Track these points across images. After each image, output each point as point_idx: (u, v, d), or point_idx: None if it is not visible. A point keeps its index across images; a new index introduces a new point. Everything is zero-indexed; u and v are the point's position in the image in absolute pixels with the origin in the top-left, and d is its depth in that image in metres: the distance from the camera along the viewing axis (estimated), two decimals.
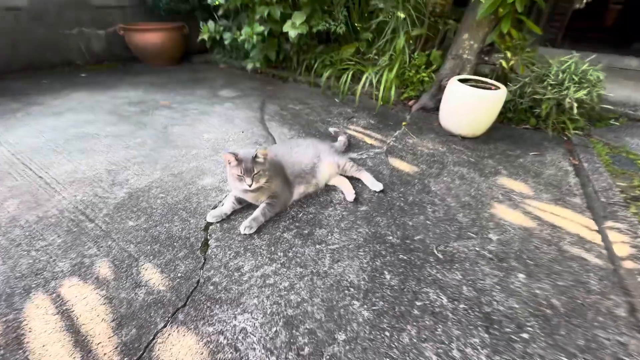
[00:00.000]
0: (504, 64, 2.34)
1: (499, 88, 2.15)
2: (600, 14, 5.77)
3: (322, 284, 1.16)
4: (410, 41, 2.74)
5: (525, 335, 1.05)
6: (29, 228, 1.34)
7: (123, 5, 3.99)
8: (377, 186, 1.65)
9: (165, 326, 1.01)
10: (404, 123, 2.48)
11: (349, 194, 1.59)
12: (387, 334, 1.03)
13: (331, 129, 2.19)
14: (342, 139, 2.05)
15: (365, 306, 1.10)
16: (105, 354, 0.93)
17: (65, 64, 3.75)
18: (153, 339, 0.97)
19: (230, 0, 3.00)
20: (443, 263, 1.26)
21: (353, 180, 1.70)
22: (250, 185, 1.30)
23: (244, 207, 1.50)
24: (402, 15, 2.54)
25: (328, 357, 0.96)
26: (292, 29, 2.74)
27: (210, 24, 3.27)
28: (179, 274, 1.17)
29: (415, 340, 1.01)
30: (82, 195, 1.56)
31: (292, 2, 2.97)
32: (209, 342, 0.97)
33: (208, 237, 1.34)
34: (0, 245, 1.26)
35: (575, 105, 2.20)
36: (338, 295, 1.13)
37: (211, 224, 1.40)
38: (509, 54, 2.32)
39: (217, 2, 3.07)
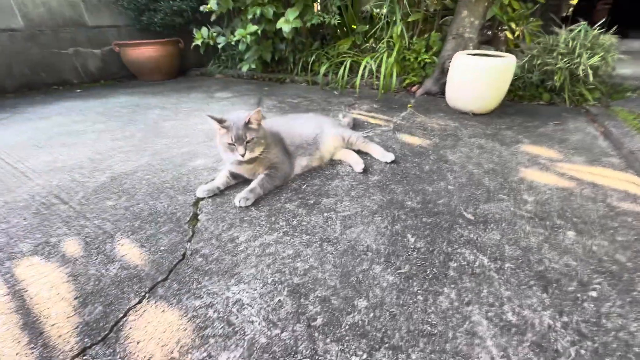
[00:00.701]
0: (508, 35, 2.25)
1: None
2: (589, 15, 5.87)
3: (333, 249, 0.99)
4: (408, 28, 2.70)
5: (593, 294, 0.84)
6: None
7: (118, 24, 4.07)
8: (388, 157, 1.54)
9: (140, 302, 0.81)
10: (409, 105, 2.43)
11: (358, 164, 1.47)
12: (420, 297, 0.83)
13: (340, 115, 2.10)
14: (346, 119, 1.96)
15: (388, 270, 0.91)
16: (60, 335, 0.73)
17: (61, 84, 3.75)
18: (123, 316, 0.77)
19: (221, 5, 3.02)
20: (475, 224, 1.13)
21: (361, 154, 1.60)
22: (243, 155, 1.18)
23: (239, 183, 1.35)
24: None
25: (348, 326, 0.75)
26: (286, 24, 2.72)
27: (204, 29, 3.29)
28: (162, 248, 1.01)
29: (456, 304, 0.81)
30: (58, 181, 1.41)
31: (284, 1, 2.98)
32: (195, 316, 0.78)
33: (198, 211, 1.20)
34: None
35: (591, 72, 2.08)
36: (354, 261, 0.95)
37: (202, 199, 1.27)
38: (513, 25, 2.24)
39: (208, 7, 3.08)
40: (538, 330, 0.76)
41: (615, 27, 2.23)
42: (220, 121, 1.19)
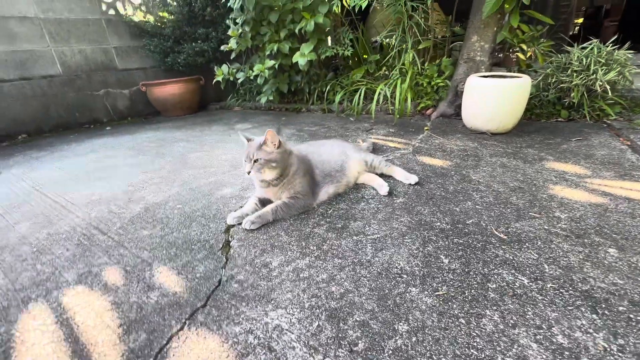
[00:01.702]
0: (520, 56, 2.30)
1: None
2: (598, 33, 5.94)
3: (367, 272, 0.99)
4: (419, 54, 2.80)
5: None
6: (37, 244, 1.25)
7: (145, 66, 4.40)
8: (412, 179, 1.55)
9: (181, 329, 0.83)
10: (426, 128, 2.47)
11: (382, 187, 1.49)
12: (462, 320, 0.81)
13: (359, 140, 2.15)
14: (365, 144, 2.01)
15: (425, 292, 0.90)
16: None
17: (92, 122, 4.02)
18: (167, 343, 0.79)
19: (241, 43, 3.24)
20: (509, 243, 1.10)
21: (384, 177, 1.62)
22: (248, 173, 1.26)
23: None
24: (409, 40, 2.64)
25: (391, 351, 0.74)
26: (302, 57, 2.88)
27: (224, 66, 3.51)
28: (198, 275, 1.03)
29: (501, 327, 0.79)
30: (96, 213, 1.49)
31: (299, 37, 3.17)
32: (236, 342, 0.78)
33: (229, 238, 1.23)
34: (5, 261, 1.15)
35: (609, 87, 2.08)
36: (389, 283, 0.94)
37: (232, 226, 1.30)
38: (524, 47, 2.30)
39: (229, 47, 3.31)
40: (593, 353, 0.72)
41: (628, 43, 2.25)
42: (248, 139, 1.31)
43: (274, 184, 1.33)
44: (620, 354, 0.72)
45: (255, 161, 1.24)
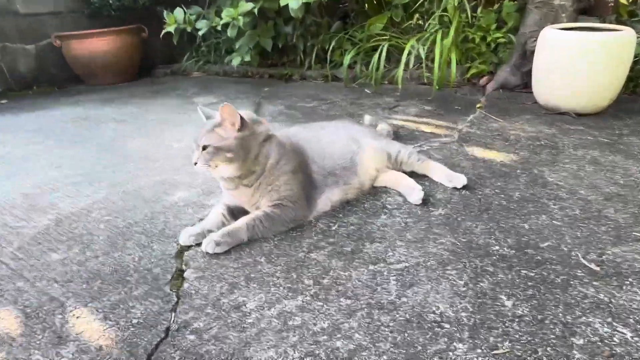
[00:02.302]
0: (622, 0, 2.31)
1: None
2: None
3: (389, 319, 0.99)
4: None
5: None
6: None
7: (59, 10, 4.39)
8: (458, 180, 1.57)
9: None
10: (478, 105, 2.49)
11: (414, 192, 1.49)
12: None
13: (367, 117, 2.16)
14: (384, 126, 2.01)
15: (478, 350, 0.90)
16: None
17: None
18: None
19: None
20: (604, 278, 1.11)
21: (415, 177, 1.63)
22: (195, 163, 1.29)
23: None
24: None
25: None
26: None
27: (178, 11, 3.51)
28: (134, 321, 1.02)
29: None
30: None
31: None
32: None
33: (183, 266, 1.23)
34: None
35: None
36: (423, 337, 0.94)
37: (188, 248, 1.31)
38: None
39: None
40: None
41: None
42: (208, 117, 1.35)
43: (244, 183, 1.33)
44: None
45: (203, 148, 1.26)
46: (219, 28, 3.34)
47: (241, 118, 1.28)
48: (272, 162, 1.34)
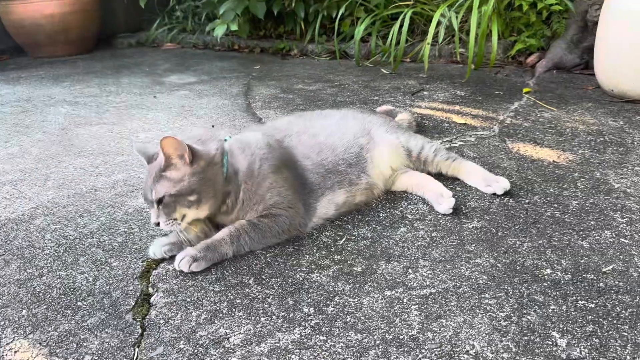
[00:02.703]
0: None
1: None
2: None
3: None
4: None
5: None
6: None
7: None
8: (499, 185, 1.58)
9: None
10: (525, 90, 2.49)
11: (441, 197, 1.51)
12: None
13: (380, 109, 2.19)
14: (405, 116, 2.04)
15: None
16: None
17: None
18: None
19: None
20: None
21: (443, 179, 1.65)
22: (157, 224, 1.31)
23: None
24: None
25: None
26: None
27: None
28: (88, 358, 1.03)
29: None
30: None
31: None
32: None
33: (150, 288, 1.24)
34: None
35: None
36: None
37: (156, 264, 1.33)
38: None
39: None
40: None
41: None
42: (149, 158, 1.36)
43: (222, 211, 1.38)
44: None
45: (159, 204, 1.28)
46: None
47: (189, 148, 1.27)
48: (243, 171, 1.36)
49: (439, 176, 1.65)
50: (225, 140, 1.42)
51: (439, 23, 2.77)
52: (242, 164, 1.37)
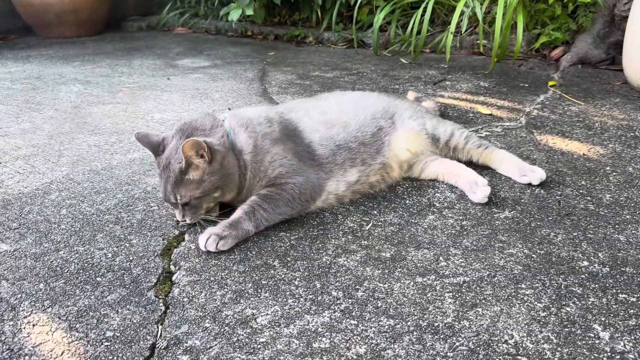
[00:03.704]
0: None
1: None
2: None
3: (447, 347, 0.98)
4: None
5: None
6: None
7: None
8: (534, 174, 1.58)
9: None
10: (551, 83, 2.50)
11: (475, 187, 1.50)
12: None
13: (411, 93, 2.20)
14: (429, 104, 2.04)
15: None
16: None
17: None
18: None
19: None
20: None
21: (474, 167, 1.64)
22: (182, 221, 1.37)
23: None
24: None
25: None
26: None
27: None
28: (108, 334, 1.02)
29: None
30: None
31: None
32: None
33: (171, 266, 1.24)
34: None
35: None
36: None
37: (180, 240, 1.35)
38: None
39: None
40: None
41: None
42: (156, 150, 1.38)
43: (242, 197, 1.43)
44: None
45: (184, 206, 1.32)
46: None
47: (208, 146, 1.28)
48: (247, 149, 1.38)
49: (470, 163, 1.65)
50: (224, 120, 1.43)
51: (461, 13, 2.75)
52: (247, 142, 1.39)
